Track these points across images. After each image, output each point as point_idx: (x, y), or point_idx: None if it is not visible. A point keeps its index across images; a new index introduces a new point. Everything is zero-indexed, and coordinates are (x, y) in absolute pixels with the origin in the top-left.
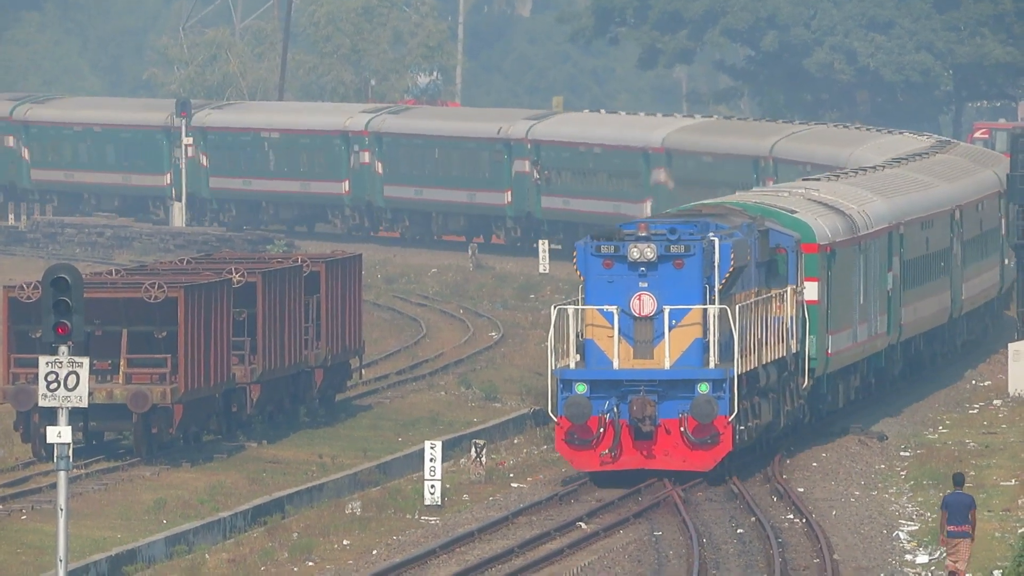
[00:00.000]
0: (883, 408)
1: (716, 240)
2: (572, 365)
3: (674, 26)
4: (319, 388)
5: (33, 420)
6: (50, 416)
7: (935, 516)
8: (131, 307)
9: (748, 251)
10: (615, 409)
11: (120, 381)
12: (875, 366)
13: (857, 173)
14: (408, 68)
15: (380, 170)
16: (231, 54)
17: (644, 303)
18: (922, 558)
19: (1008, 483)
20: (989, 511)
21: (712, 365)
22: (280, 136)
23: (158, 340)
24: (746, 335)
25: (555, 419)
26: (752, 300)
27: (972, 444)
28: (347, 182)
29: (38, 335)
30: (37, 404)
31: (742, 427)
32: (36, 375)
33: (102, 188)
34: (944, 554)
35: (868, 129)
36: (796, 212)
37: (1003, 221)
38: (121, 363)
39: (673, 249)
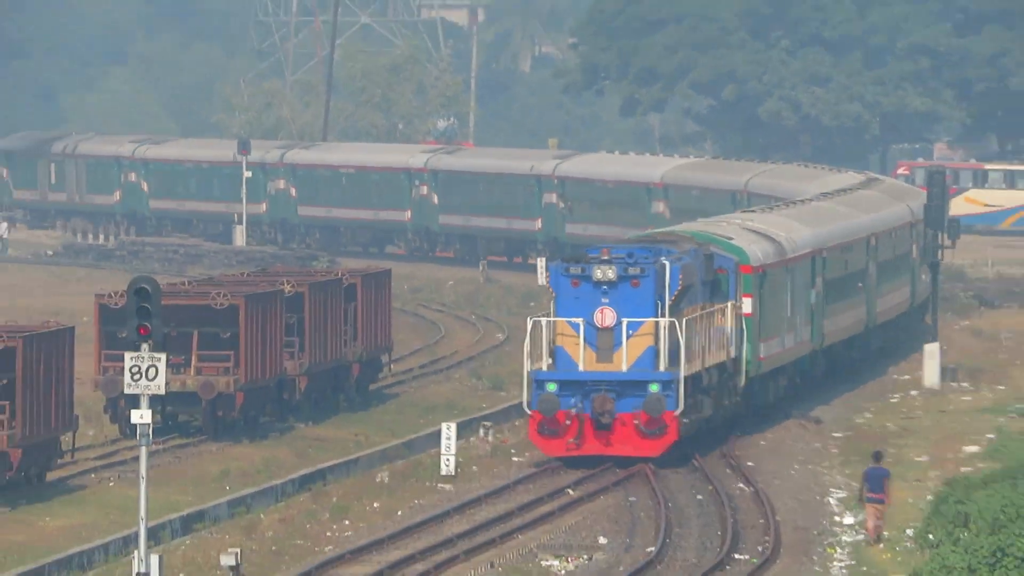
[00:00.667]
0: (819, 398)
1: (667, 263)
2: (544, 367)
3: (650, 80)
4: (355, 379)
5: (119, 405)
6: (134, 401)
7: (859, 485)
8: (201, 312)
9: (695, 272)
10: (580, 405)
11: (192, 373)
12: (801, 368)
13: (789, 206)
14: (429, 114)
15: (436, 201)
16: (283, 102)
17: (606, 316)
18: (848, 519)
19: (921, 459)
20: (904, 482)
21: (662, 368)
22: (355, 172)
23: (223, 339)
24: (691, 343)
25: (529, 412)
26: (698, 314)
27: (892, 427)
28: (409, 211)
29: (124, 335)
30: (123, 392)
31: (686, 420)
32: (122, 368)
33: (207, 215)
34: (864, 516)
35: (822, 168)
36: (733, 239)
37: (914, 246)
38: (192, 358)
39: (631, 271)
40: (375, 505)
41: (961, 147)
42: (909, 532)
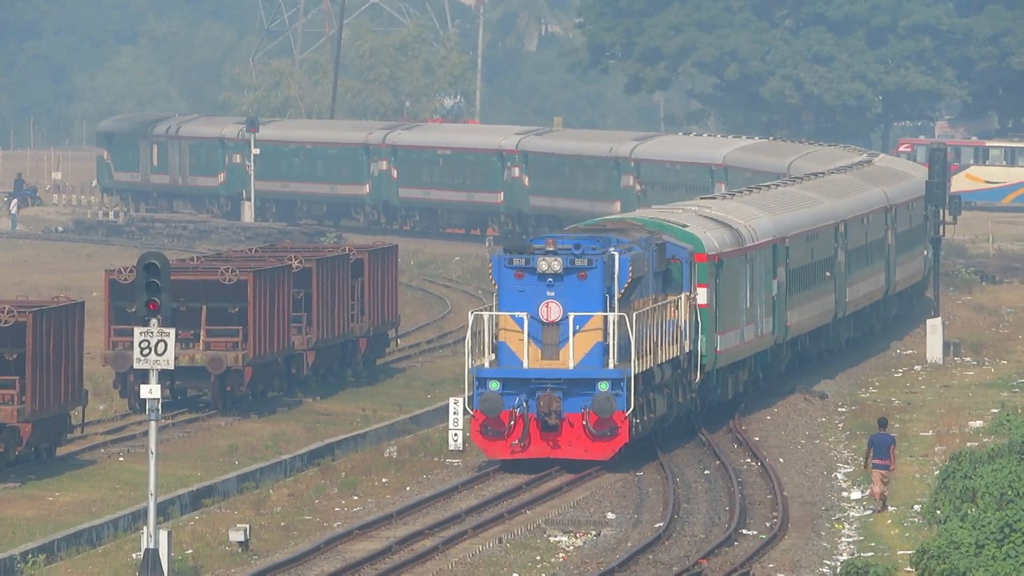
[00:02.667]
0: (823, 372)
1: (616, 254)
2: (487, 364)
3: (654, 59)
4: (363, 354)
5: (129, 379)
6: (143, 376)
7: (865, 452)
8: (209, 287)
9: (645, 263)
10: (524, 404)
11: (200, 348)
12: (762, 361)
13: (751, 192)
14: (436, 92)
15: (527, 183)
16: (291, 80)
17: (551, 310)
18: (856, 494)
19: (926, 433)
20: (910, 457)
21: (611, 366)
22: (451, 153)
23: (231, 314)
24: (643, 338)
25: (471, 412)
26: (649, 307)
27: (897, 401)
28: (502, 193)
29: (133, 310)
30: (132, 366)
31: (638, 420)
32: (131, 342)
33: (312, 197)
34: (870, 483)
35: (803, 142)
36: (688, 226)
37: (889, 232)
38: (201, 333)
39: (578, 262)
40: (383, 480)
41: (962, 125)
42: (916, 508)
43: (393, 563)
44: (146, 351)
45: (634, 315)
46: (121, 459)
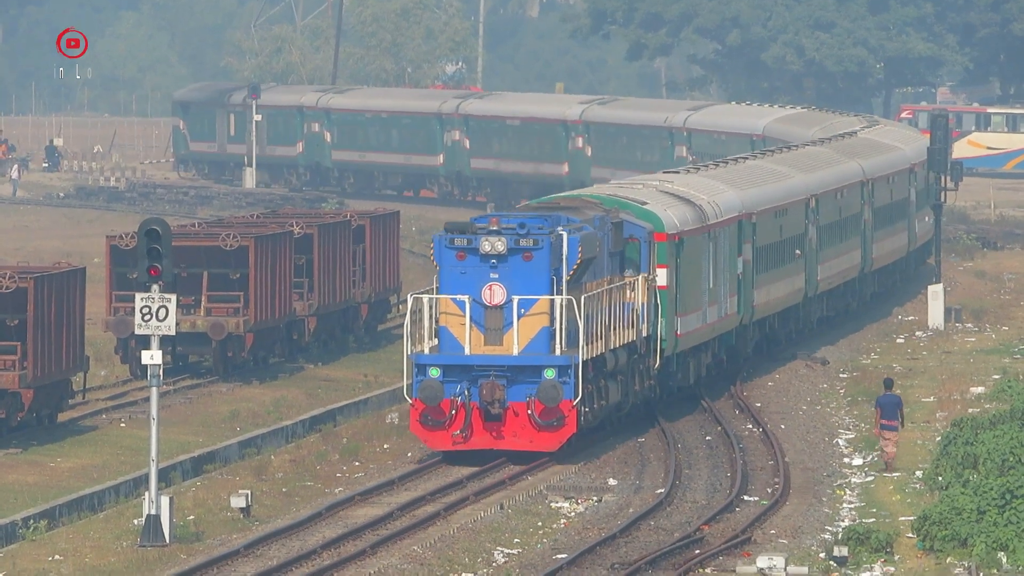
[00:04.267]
0: (824, 339)
1: (564, 234)
2: (426, 350)
3: (656, 25)
4: (364, 320)
5: (130, 345)
6: (144, 342)
7: (869, 426)
8: (211, 253)
9: (598, 243)
10: (466, 392)
11: (202, 314)
12: (727, 343)
13: (717, 166)
14: (438, 59)
15: (589, 153)
16: (293, 47)
17: (494, 293)
18: (857, 460)
19: (928, 399)
20: (912, 423)
21: (558, 352)
22: (520, 123)
23: (233, 280)
24: (593, 323)
25: (410, 401)
26: (601, 289)
27: (898, 368)
28: (566, 164)
29: (135, 276)
30: (134, 332)
31: (587, 409)
32: (133, 308)
33: (388, 167)
34: (879, 447)
35: (838, 113)
36: (647, 204)
37: (866, 207)
38: (202, 299)
39: (522, 243)
40: (385, 446)
41: (964, 91)
42: (918, 474)
43: (395, 529)
44: (147, 317)
45: (583, 298)
46: (122, 425)
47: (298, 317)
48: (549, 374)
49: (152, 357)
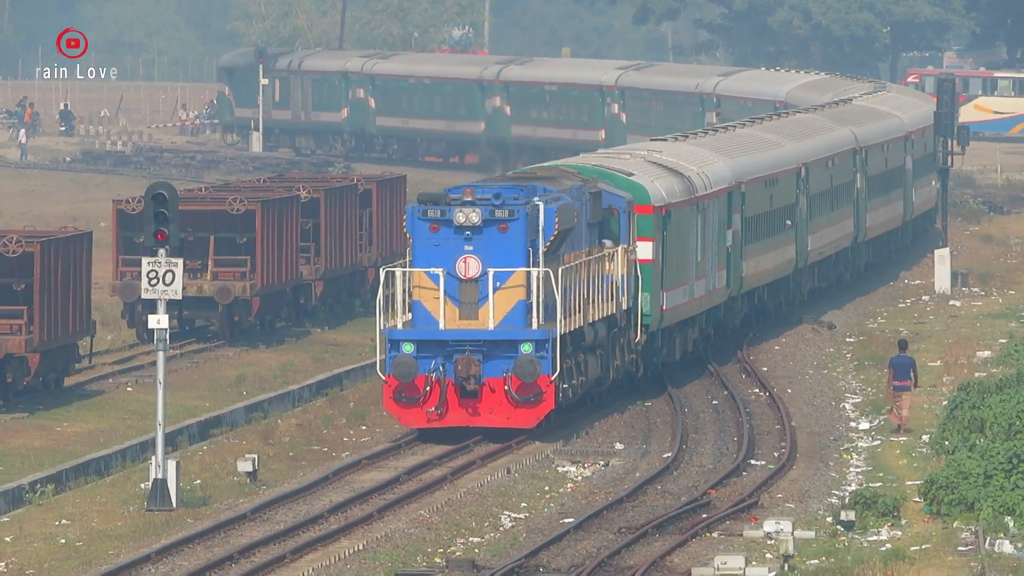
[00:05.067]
0: (831, 302)
1: (541, 205)
2: (400, 325)
3: None
4: (371, 284)
5: (137, 310)
6: (151, 306)
7: (876, 390)
8: (217, 217)
9: (575, 214)
10: (441, 368)
11: (208, 278)
12: (715, 317)
13: (707, 134)
14: (444, 23)
15: (625, 120)
16: (300, 10)
17: (469, 266)
18: (864, 425)
19: (934, 364)
20: (919, 387)
21: (535, 326)
22: (557, 89)
23: (239, 244)
24: (571, 295)
25: (383, 377)
26: (579, 261)
27: (905, 332)
28: (603, 131)
29: (141, 240)
30: (140, 296)
31: (566, 385)
32: (139, 273)
33: (431, 134)
34: (887, 409)
35: (860, 80)
36: (633, 175)
37: (859, 175)
38: (209, 263)
39: (498, 214)
40: None
41: (970, 55)
42: (924, 438)
43: (402, 493)
44: (154, 281)
45: (560, 270)
46: (129, 389)
47: (305, 281)
48: (526, 349)
49: (159, 321)
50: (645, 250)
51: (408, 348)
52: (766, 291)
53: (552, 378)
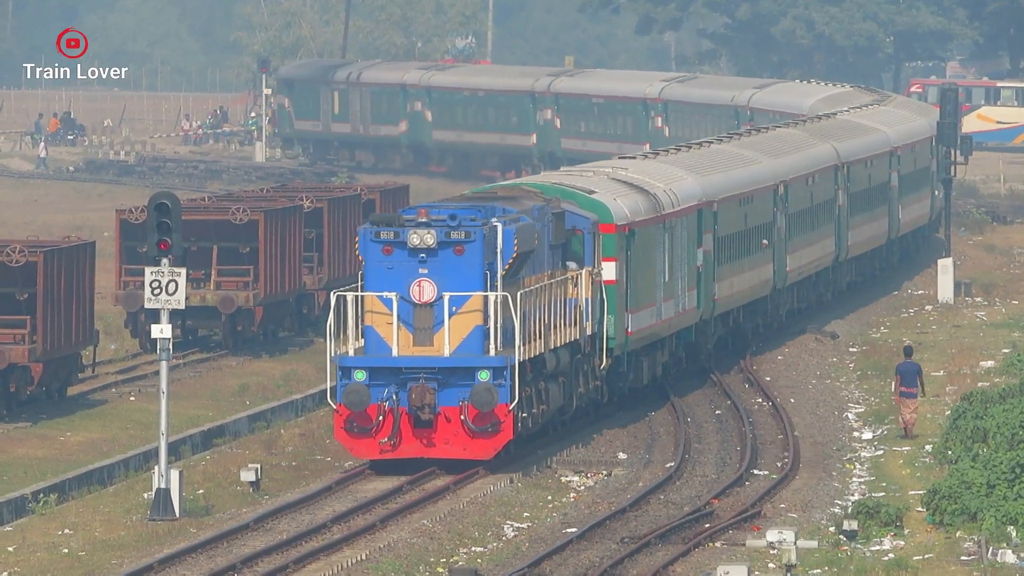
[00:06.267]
0: (834, 312)
1: (499, 226)
2: (351, 352)
3: None
4: None
5: (140, 319)
6: (154, 316)
7: (879, 400)
8: (220, 227)
9: (536, 235)
10: (394, 397)
11: (211, 288)
12: (686, 339)
13: (679, 151)
14: (448, 33)
15: (667, 134)
16: (303, 20)
17: (424, 290)
18: (867, 434)
19: (937, 373)
20: (921, 396)
21: (493, 352)
22: (604, 102)
23: (243, 254)
24: (531, 320)
25: (334, 406)
26: (540, 285)
27: (908, 342)
28: (647, 145)
29: (144, 250)
30: (143, 306)
31: (525, 414)
32: (142, 282)
33: (485, 148)
34: (891, 419)
35: (826, 84)
36: (595, 193)
37: (840, 192)
38: (212, 273)
39: (453, 235)
40: None
41: (974, 65)
42: (928, 448)
43: (405, 503)
44: (157, 291)
45: (519, 294)
46: (132, 399)
47: (308, 291)
48: (483, 376)
49: (162, 331)
50: (609, 271)
51: (360, 376)
52: (742, 312)
53: (510, 407)
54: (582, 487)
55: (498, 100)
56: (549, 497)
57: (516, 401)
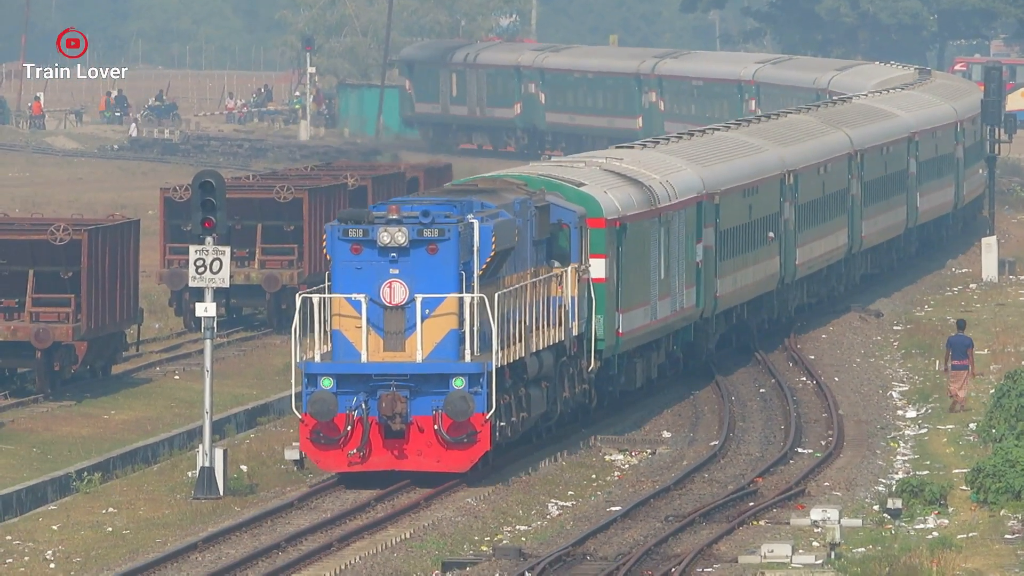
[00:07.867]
0: (878, 291)
1: (476, 222)
2: (318, 358)
3: None
4: None
5: (184, 298)
6: (198, 294)
7: (922, 379)
8: (265, 205)
9: (516, 231)
10: (364, 405)
11: (255, 266)
12: (684, 339)
13: (677, 140)
14: (492, 11)
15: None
16: None
17: (395, 291)
18: (911, 413)
19: (982, 352)
20: (974, 371)
21: (468, 358)
22: (703, 84)
23: (287, 232)
24: (510, 323)
25: (300, 416)
26: (521, 284)
27: (952, 320)
28: None
29: (189, 228)
30: (188, 284)
31: (503, 423)
32: (187, 261)
33: (594, 131)
34: (935, 397)
35: (895, 65)
36: (584, 185)
37: (853, 180)
38: (256, 251)
39: (426, 233)
40: None
41: (1017, 43)
42: (971, 426)
43: (450, 481)
44: (201, 269)
45: (497, 295)
46: (176, 377)
47: None
48: (458, 384)
49: (206, 309)
50: (598, 268)
51: (327, 383)
52: (746, 309)
53: (487, 416)
54: (626, 466)
55: (606, 82)
56: (593, 476)
57: (493, 410)
